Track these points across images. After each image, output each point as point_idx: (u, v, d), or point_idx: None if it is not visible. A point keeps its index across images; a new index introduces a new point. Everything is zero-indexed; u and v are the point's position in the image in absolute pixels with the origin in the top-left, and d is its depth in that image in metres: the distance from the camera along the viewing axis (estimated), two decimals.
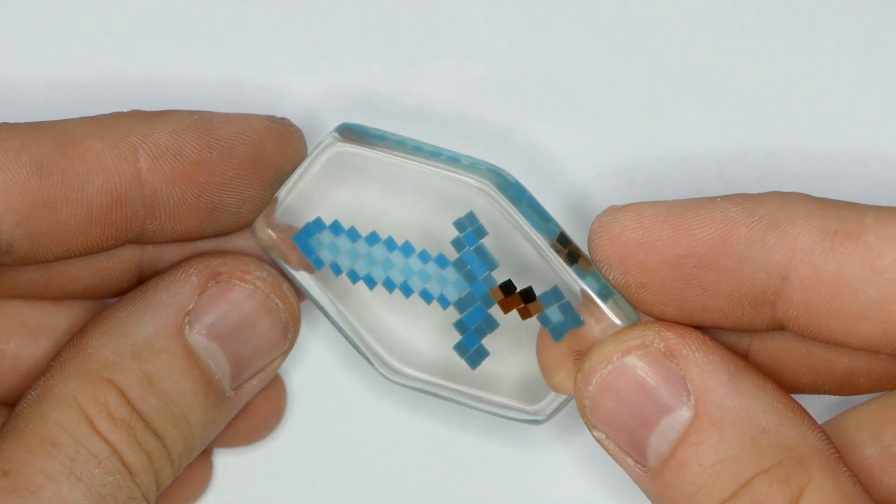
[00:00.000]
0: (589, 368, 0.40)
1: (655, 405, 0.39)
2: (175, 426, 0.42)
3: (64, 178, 0.40)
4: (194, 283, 0.43)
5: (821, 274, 0.37)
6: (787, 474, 0.37)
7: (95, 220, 0.41)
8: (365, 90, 0.47)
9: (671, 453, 0.38)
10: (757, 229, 0.38)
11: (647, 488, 0.39)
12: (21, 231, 0.40)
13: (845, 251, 0.37)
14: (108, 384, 0.41)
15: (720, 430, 0.38)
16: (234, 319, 0.43)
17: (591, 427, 0.40)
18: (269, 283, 0.43)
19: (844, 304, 0.38)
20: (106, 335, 0.42)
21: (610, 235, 0.39)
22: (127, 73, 0.47)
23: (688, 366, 0.39)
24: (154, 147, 0.41)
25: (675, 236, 0.39)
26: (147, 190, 0.41)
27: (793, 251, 0.38)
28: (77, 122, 0.41)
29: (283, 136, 0.43)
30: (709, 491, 0.38)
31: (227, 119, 0.42)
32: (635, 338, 0.39)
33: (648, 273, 0.39)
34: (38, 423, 0.40)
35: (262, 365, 0.44)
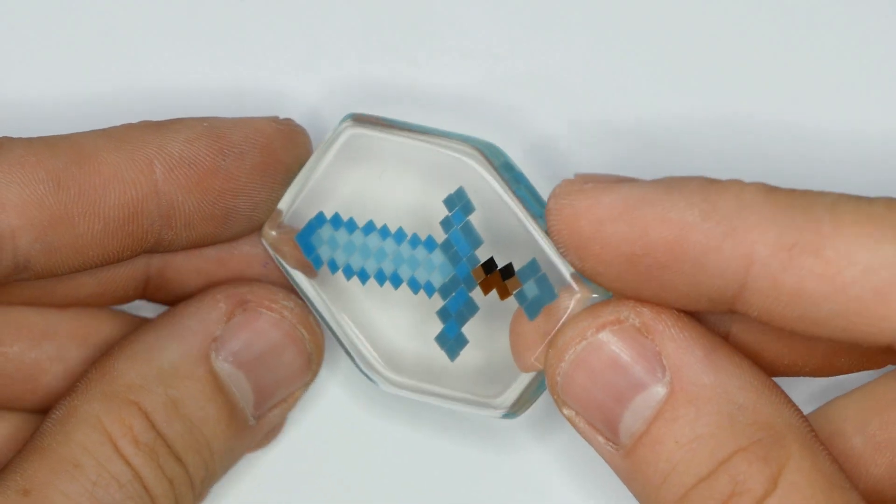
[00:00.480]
0: (562, 344, 0.39)
1: (630, 382, 0.38)
2: (198, 452, 0.42)
3: (81, 193, 0.40)
4: (222, 310, 0.43)
5: (780, 286, 0.36)
6: (765, 452, 0.37)
7: (112, 232, 0.41)
8: (365, 90, 0.47)
9: (645, 430, 0.38)
10: (713, 236, 0.37)
11: (618, 466, 0.39)
12: (38, 247, 0.40)
13: (804, 266, 0.36)
14: (134, 407, 0.41)
15: (696, 406, 0.37)
16: (260, 348, 0.43)
17: (561, 404, 0.39)
18: (296, 313, 0.43)
19: (804, 315, 0.37)
20: (132, 358, 0.42)
21: (566, 221, 0.38)
22: (122, 80, 0.47)
23: (663, 342, 0.38)
24: (169, 157, 0.41)
25: (631, 234, 0.37)
26: (163, 200, 0.41)
27: (749, 261, 0.37)
28: (90, 135, 0.41)
29: (290, 137, 0.43)
30: (685, 468, 0.37)
31: (235, 124, 0.42)
32: (610, 313, 0.39)
33: (604, 264, 0.38)
34: (61, 443, 0.40)
35: (285, 395, 0.44)
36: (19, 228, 0.40)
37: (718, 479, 0.37)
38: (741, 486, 0.36)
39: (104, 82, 0.47)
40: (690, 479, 0.37)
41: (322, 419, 0.47)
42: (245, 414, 0.43)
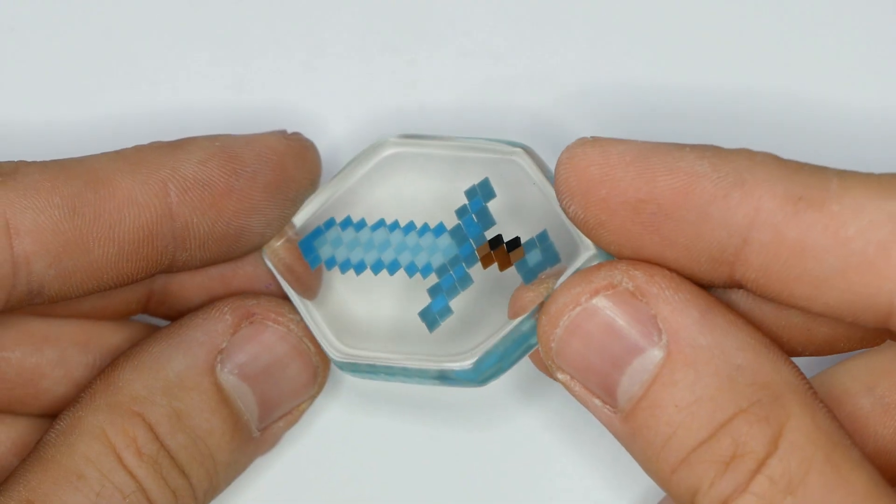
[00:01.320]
0: (556, 311, 0.39)
1: (626, 346, 0.38)
2: (202, 465, 0.41)
3: (96, 218, 0.40)
4: (228, 322, 0.43)
5: (783, 239, 0.37)
6: (766, 413, 0.36)
7: (127, 256, 0.41)
8: (365, 90, 0.47)
9: (644, 394, 0.37)
10: (721, 186, 0.37)
11: (617, 429, 0.38)
12: (52, 272, 0.40)
13: (809, 218, 0.36)
14: (138, 418, 0.41)
15: (695, 368, 0.37)
16: (266, 361, 0.43)
17: (555, 370, 0.39)
18: (303, 326, 0.43)
19: (805, 271, 0.37)
20: (137, 369, 0.42)
21: (575, 168, 0.38)
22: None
23: (658, 304, 0.38)
24: (182, 180, 0.41)
25: (639, 180, 0.38)
26: (178, 223, 0.41)
27: (756, 212, 0.37)
28: (104, 158, 0.41)
29: (300, 154, 0.43)
30: (685, 432, 0.37)
31: (248, 143, 0.42)
32: (603, 278, 0.38)
33: (608, 211, 0.38)
34: (64, 454, 0.40)
35: (290, 407, 0.44)
36: (34, 254, 0.40)
37: (720, 442, 0.37)
38: (742, 447, 0.36)
39: (108, 93, 0.47)
40: (691, 441, 0.37)
41: (324, 431, 0.47)
42: (249, 426, 0.43)
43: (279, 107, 0.47)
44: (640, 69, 0.47)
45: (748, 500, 0.36)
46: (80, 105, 0.47)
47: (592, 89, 0.47)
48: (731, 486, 0.36)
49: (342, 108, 0.47)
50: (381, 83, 0.47)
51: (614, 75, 0.47)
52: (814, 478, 0.36)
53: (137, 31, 0.48)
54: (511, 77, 0.47)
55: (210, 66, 0.47)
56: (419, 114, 0.47)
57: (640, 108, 0.46)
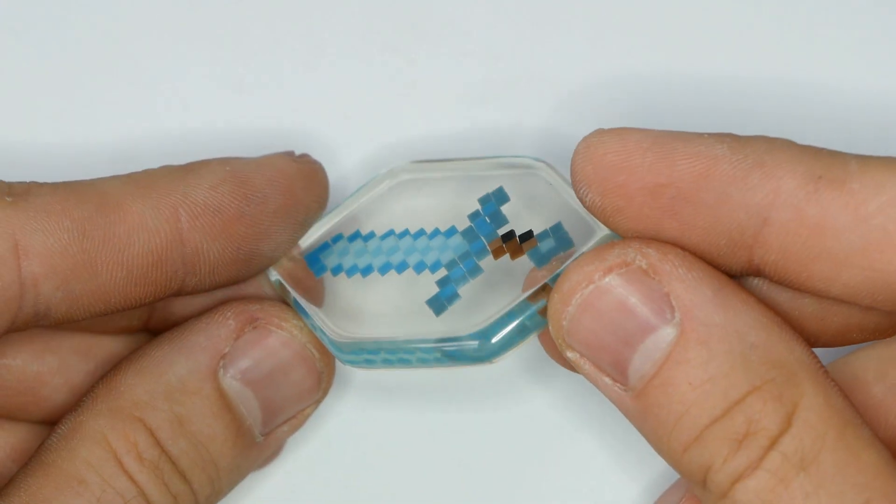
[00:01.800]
0: (568, 289, 0.38)
1: (638, 324, 0.38)
2: (203, 470, 0.41)
3: (105, 242, 0.40)
4: (231, 327, 0.42)
5: (803, 217, 0.37)
6: (779, 391, 0.36)
7: (135, 280, 0.41)
8: (365, 90, 0.47)
9: (656, 372, 0.37)
10: (741, 168, 0.37)
11: (627, 407, 0.38)
12: (60, 295, 0.40)
13: (829, 196, 0.37)
14: (139, 423, 0.41)
15: (708, 347, 0.37)
16: (269, 366, 0.43)
17: (565, 348, 0.39)
18: (307, 332, 0.43)
19: (825, 250, 0.37)
20: (139, 374, 0.41)
21: (592, 156, 0.38)
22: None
23: (671, 282, 0.38)
24: (193, 205, 0.41)
25: (657, 164, 0.38)
26: (188, 248, 0.41)
27: (775, 193, 0.37)
28: (115, 181, 0.41)
29: (310, 177, 0.43)
30: (698, 410, 0.37)
31: (258, 167, 0.42)
32: (616, 256, 0.38)
33: (626, 197, 0.38)
34: (66, 458, 0.40)
35: (294, 412, 0.44)
36: (42, 276, 0.40)
37: (733, 419, 0.37)
38: (756, 425, 0.36)
39: (108, 95, 0.47)
40: (704, 419, 0.37)
41: (329, 431, 0.47)
42: (252, 431, 0.42)
43: (279, 107, 0.47)
44: (642, 67, 0.47)
45: (761, 477, 0.36)
46: (79, 105, 0.47)
47: (593, 89, 0.47)
48: (744, 462, 0.36)
49: (342, 108, 0.47)
50: (381, 83, 0.47)
51: (615, 74, 0.47)
52: (826, 455, 0.36)
53: (138, 34, 0.48)
54: (511, 77, 0.47)
55: (210, 66, 0.47)
56: (419, 114, 0.47)
57: (642, 107, 0.46)
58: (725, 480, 0.37)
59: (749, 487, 0.36)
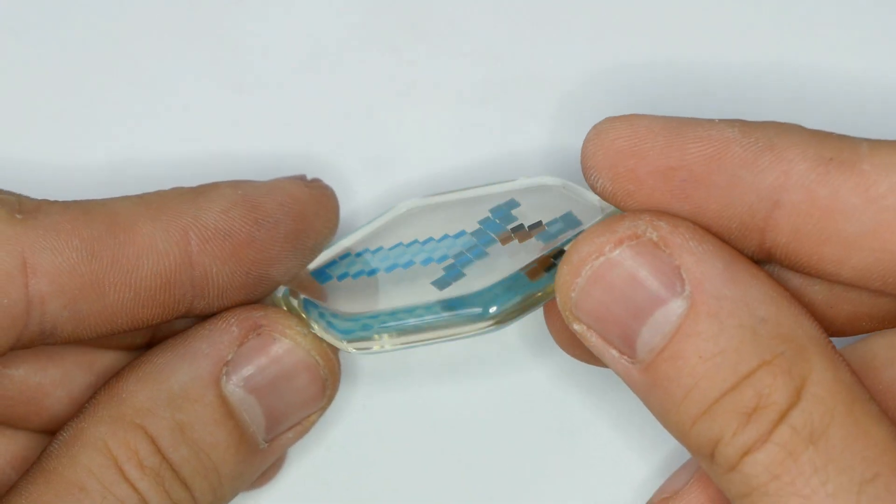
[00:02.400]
0: (578, 260, 0.38)
1: (648, 297, 0.38)
2: (205, 477, 0.41)
3: (114, 263, 0.40)
4: (234, 334, 0.42)
5: (814, 199, 0.37)
6: (789, 366, 0.37)
7: (143, 302, 0.41)
8: (365, 90, 0.47)
9: (665, 345, 0.37)
10: (751, 150, 0.38)
11: (634, 380, 0.38)
12: (66, 314, 0.40)
13: (840, 177, 0.37)
14: (140, 431, 0.41)
15: (718, 320, 0.37)
16: (272, 373, 0.42)
17: (572, 320, 0.39)
18: (310, 339, 0.43)
19: (836, 231, 0.37)
20: (142, 381, 0.41)
21: (603, 141, 0.38)
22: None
23: (682, 255, 0.38)
24: (204, 229, 0.41)
25: (668, 148, 0.38)
26: (197, 271, 0.41)
27: (786, 175, 0.37)
28: (126, 202, 0.41)
29: (321, 203, 0.43)
30: (708, 383, 0.37)
31: (270, 191, 0.42)
32: (627, 228, 0.38)
33: (637, 181, 0.38)
34: (66, 465, 0.40)
35: (298, 419, 0.44)
36: (49, 295, 0.39)
37: (743, 393, 0.37)
38: (765, 399, 0.36)
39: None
40: (714, 393, 0.37)
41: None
42: (256, 438, 0.42)
43: (278, 107, 0.47)
44: (643, 66, 0.47)
45: (770, 450, 0.36)
46: (78, 106, 0.47)
47: (594, 88, 0.47)
48: (753, 435, 0.36)
49: (342, 109, 0.47)
50: (381, 83, 0.47)
51: (615, 73, 0.47)
52: (835, 430, 0.36)
53: (138, 34, 0.48)
54: (511, 77, 0.47)
55: (210, 66, 0.47)
56: (419, 114, 0.47)
57: (644, 105, 0.46)
58: (734, 454, 0.37)
59: (758, 460, 0.36)
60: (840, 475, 0.36)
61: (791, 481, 0.36)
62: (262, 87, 0.47)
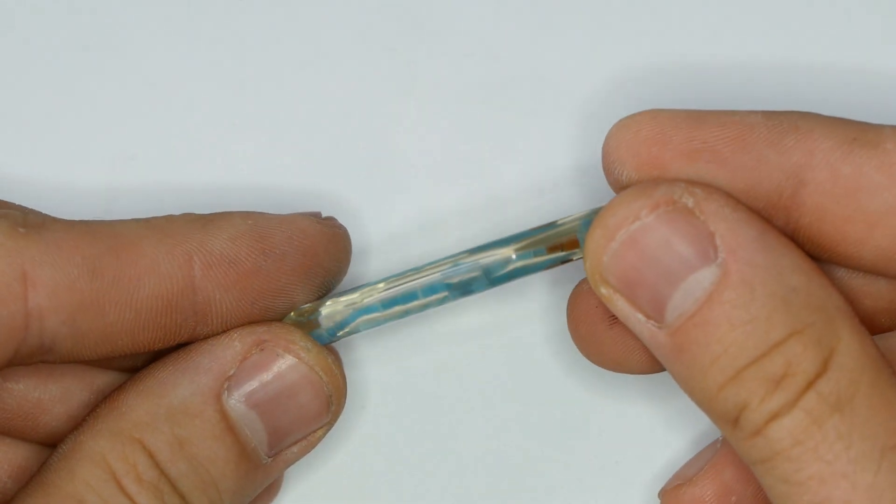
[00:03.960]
0: (614, 224, 0.39)
1: (682, 262, 0.38)
2: (204, 492, 0.41)
3: (115, 282, 0.40)
4: (237, 349, 0.42)
5: (837, 177, 0.38)
6: (819, 336, 0.37)
7: (144, 324, 0.41)
8: (364, 90, 0.47)
9: (696, 311, 0.38)
10: (776, 131, 0.38)
11: (661, 345, 0.38)
12: (65, 330, 0.40)
13: (863, 155, 0.38)
14: (138, 445, 0.41)
15: (751, 288, 0.37)
16: (275, 389, 0.42)
17: (600, 283, 0.39)
18: (314, 355, 0.43)
19: (859, 209, 0.38)
20: (142, 395, 0.42)
21: (626, 133, 0.39)
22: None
23: (717, 222, 0.38)
24: (208, 254, 0.41)
25: (693, 132, 0.39)
26: (200, 297, 0.41)
27: (811, 154, 0.38)
28: (131, 224, 0.41)
29: (332, 241, 0.43)
30: (738, 350, 0.37)
31: (280, 223, 0.42)
32: (663, 193, 0.38)
33: (662, 168, 0.39)
34: (65, 479, 0.40)
35: (303, 435, 0.43)
36: (47, 309, 0.39)
37: (772, 361, 0.37)
38: (794, 367, 0.37)
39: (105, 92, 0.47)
40: (743, 360, 0.37)
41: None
42: (258, 453, 0.42)
43: (278, 107, 0.47)
44: (645, 65, 0.47)
45: (797, 416, 0.37)
46: (77, 105, 0.47)
47: (594, 88, 0.47)
48: (780, 402, 0.37)
49: (341, 109, 0.47)
50: (380, 83, 0.47)
51: (617, 73, 0.47)
52: (861, 399, 0.37)
53: (137, 32, 0.48)
54: (511, 77, 0.47)
55: (209, 66, 0.47)
56: (419, 114, 0.47)
57: (647, 104, 0.46)
58: (760, 419, 0.37)
59: (783, 426, 0.37)
60: (863, 441, 0.36)
61: (815, 447, 0.36)
62: (262, 86, 0.47)
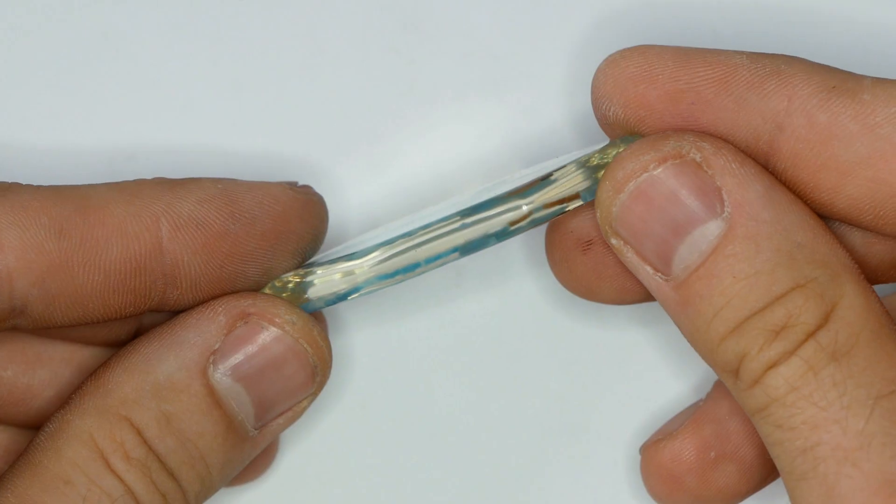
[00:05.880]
0: (623, 176, 0.39)
1: (689, 215, 0.39)
2: (192, 467, 0.41)
3: (82, 243, 0.40)
4: (221, 322, 0.42)
5: (813, 124, 0.38)
6: (822, 290, 0.38)
7: (113, 286, 0.41)
8: (364, 90, 0.47)
9: (702, 263, 0.38)
10: (758, 75, 0.39)
11: (666, 297, 0.39)
12: (36, 292, 0.40)
13: (840, 104, 0.38)
14: (125, 422, 0.40)
15: (756, 242, 0.38)
16: (260, 361, 0.42)
17: (610, 234, 0.40)
18: (299, 328, 0.42)
19: (832, 157, 0.38)
20: (128, 371, 0.41)
21: (614, 69, 0.40)
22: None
23: (724, 176, 0.39)
24: (176, 217, 0.41)
25: (677, 72, 0.39)
26: (168, 259, 0.41)
27: (790, 99, 0.38)
28: (100, 187, 0.41)
29: (306, 207, 0.42)
30: (740, 302, 0.38)
31: (250, 188, 0.42)
32: (671, 147, 0.39)
33: (647, 107, 0.40)
34: (52, 458, 0.40)
35: (289, 406, 0.43)
36: (16, 271, 0.39)
37: (774, 312, 0.38)
38: (795, 318, 0.37)
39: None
40: (745, 312, 0.38)
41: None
42: (245, 426, 0.42)
43: (278, 107, 0.47)
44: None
45: (793, 363, 0.37)
46: (77, 105, 0.47)
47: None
48: (779, 351, 0.37)
49: (341, 108, 0.47)
50: (381, 83, 0.47)
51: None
52: (859, 350, 0.37)
53: (136, 30, 0.47)
54: (511, 77, 0.46)
55: (209, 66, 0.47)
56: (419, 114, 0.47)
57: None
58: (758, 368, 0.38)
59: (780, 373, 0.37)
60: (857, 389, 0.37)
61: (809, 393, 0.37)
62: (262, 87, 0.47)
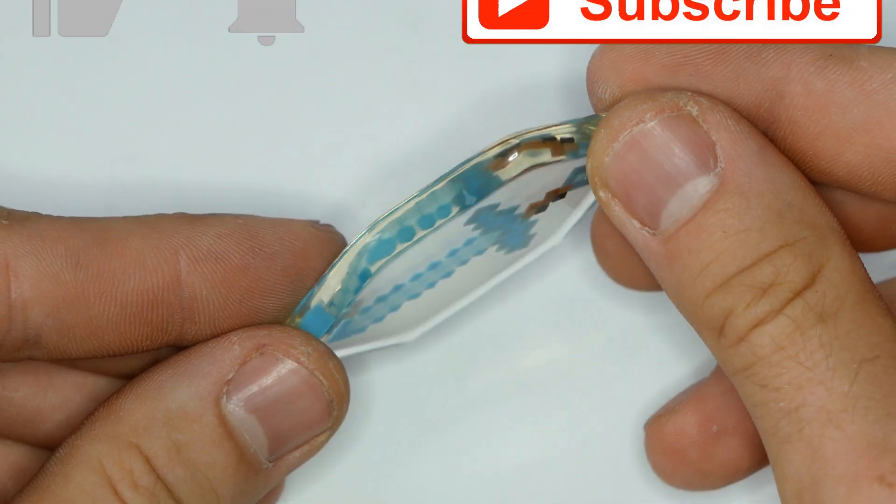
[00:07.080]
0: (618, 125, 0.39)
1: (682, 168, 0.38)
2: (202, 497, 0.41)
3: (99, 274, 0.40)
4: (236, 353, 0.42)
5: (810, 92, 0.39)
6: (810, 250, 0.38)
7: (130, 319, 0.40)
8: (364, 90, 0.47)
9: (691, 217, 0.38)
10: (756, 47, 0.39)
11: (652, 251, 0.39)
12: (51, 322, 0.40)
13: (837, 71, 0.38)
14: (135, 450, 0.40)
15: (747, 199, 0.38)
16: (275, 393, 0.42)
17: (599, 186, 0.39)
18: (315, 360, 0.42)
19: (830, 124, 0.39)
20: (140, 398, 0.41)
21: (609, 52, 0.40)
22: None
23: (719, 132, 0.39)
24: (196, 250, 0.41)
25: (673, 50, 0.39)
26: (186, 292, 0.41)
27: (788, 67, 0.39)
28: (120, 220, 0.41)
29: (326, 244, 0.42)
30: (728, 258, 0.38)
31: (271, 224, 0.42)
32: (669, 99, 0.39)
33: (645, 83, 0.40)
34: (60, 483, 0.40)
35: (304, 440, 0.43)
36: (31, 300, 0.39)
37: (762, 269, 0.38)
38: (782, 276, 0.37)
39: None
40: (733, 268, 0.38)
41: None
42: (258, 459, 0.42)
43: (277, 107, 0.47)
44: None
45: (781, 322, 0.37)
46: (77, 105, 0.47)
47: None
48: (766, 308, 0.37)
49: (341, 109, 0.47)
50: (381, 83, 0.47)
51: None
52: (845, 313, 0.37)
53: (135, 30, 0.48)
54: (511, 77, 0.47)
55: (209, 66, 0.47)
56: (419, 114, 0.47)
57: None
58: (744, 325, 0.38)
59: (766, 332, 0.37)
60: (843, 352, 0.37)
61: (795, 353, 0.37)
62: (262, 87, 0.47)
